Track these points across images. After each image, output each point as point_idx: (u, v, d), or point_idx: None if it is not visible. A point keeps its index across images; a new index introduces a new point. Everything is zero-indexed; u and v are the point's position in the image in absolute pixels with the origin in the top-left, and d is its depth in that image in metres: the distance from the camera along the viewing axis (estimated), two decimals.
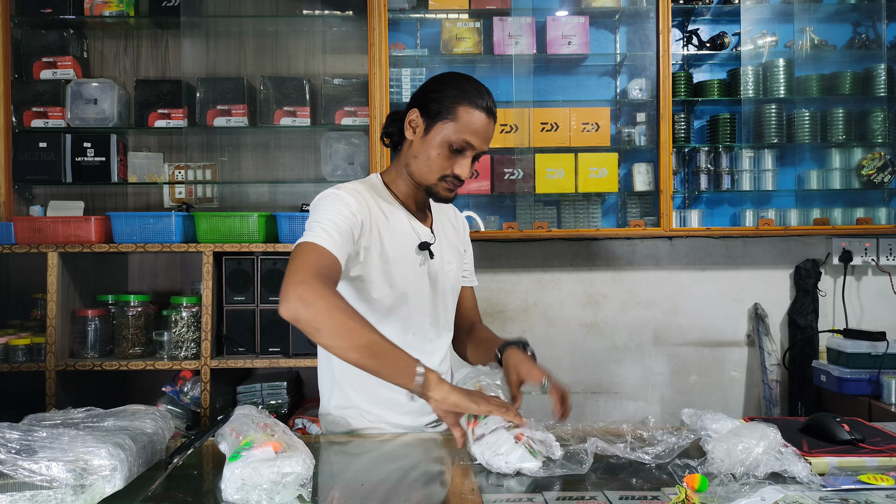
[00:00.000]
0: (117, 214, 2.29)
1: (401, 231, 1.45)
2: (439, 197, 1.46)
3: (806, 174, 2.77)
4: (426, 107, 1.42)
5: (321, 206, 1.38)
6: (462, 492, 1.06)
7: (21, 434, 1.02)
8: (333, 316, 1.17)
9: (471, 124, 1.39)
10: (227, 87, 2.64)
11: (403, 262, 1.45)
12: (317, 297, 1.17)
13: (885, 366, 2.38)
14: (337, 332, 1.18)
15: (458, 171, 1.41)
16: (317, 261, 1.24)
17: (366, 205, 1.41)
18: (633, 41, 2.79)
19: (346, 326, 1.18)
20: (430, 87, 1.45)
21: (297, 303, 1.17)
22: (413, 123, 1.44)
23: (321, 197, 1.42)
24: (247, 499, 0.98)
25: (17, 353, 2.27)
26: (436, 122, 1.40)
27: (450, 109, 1.39)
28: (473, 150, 1.42)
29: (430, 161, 1.41)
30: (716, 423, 1.25)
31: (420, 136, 1.43)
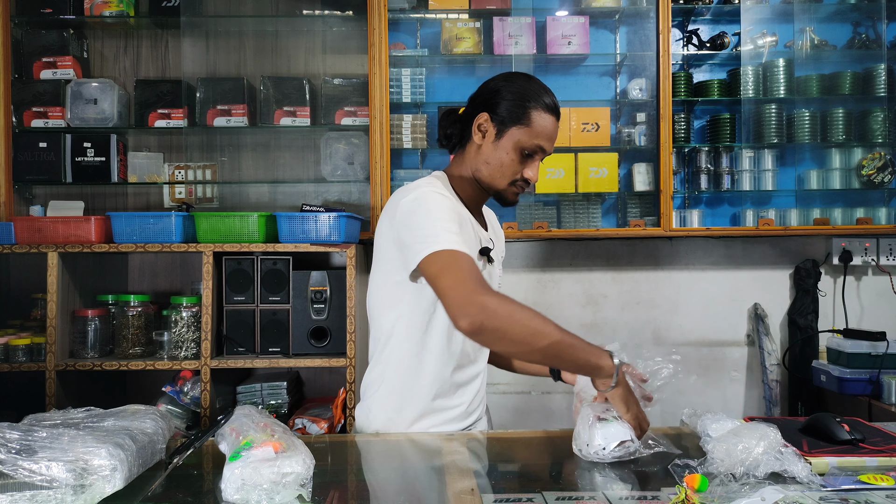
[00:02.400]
0: (117, 214, 2.29)
1: (467, 233, 1.41)
2: (507, 201, 1.45)
3: (806, 174, 2.77)
4: (497, 111, 1.39)
5: (431, 209, 1.31)
6: (462, 492, 1.06)
7: (21, 434, 1.02)
8: (517, 321, 1.17)
9: (544, 129, 1.38)
10: (227, 87, 2.64)
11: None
12: (497, 306, 1.16)
13: (885, 366, 2.38)
14: (522, 338, 1.17)
15: (528, 175, 1.41)
16: (471, 267, 1.22)
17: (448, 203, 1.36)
18: (633, 41, 2.79)
19: (530, 330, 1.17)
20: (498, 89, 1.40)
21: (481, 314, 1.15)
22: (483, 128, 1.41)
23: (422, 200, 1.33)
24: (247, 499, 0.98)
25: (17, 353, 2.27)
26: (508, 127, 1.38)
27: (523, 114, 1.37)
28: (544, 154, 1.42)
29: (504, 166, 1.40)
30: (716, 423, 1.25)
31: (491, 140, 1.40)
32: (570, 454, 1.25)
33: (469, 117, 1.44)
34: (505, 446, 1.39)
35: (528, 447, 1.37)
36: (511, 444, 1.40)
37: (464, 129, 1.46)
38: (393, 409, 1.45)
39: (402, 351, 1.43)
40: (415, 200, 1.33)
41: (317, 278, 2.32)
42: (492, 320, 1.16)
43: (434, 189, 1.36)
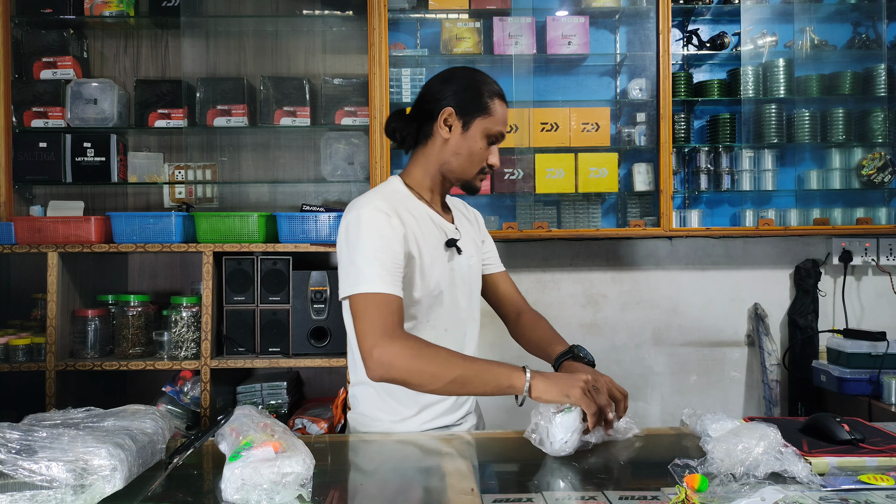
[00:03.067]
0: (117, 214, 2.29)
1: (430, 231, 1.47)
2: (475, 188, 1.52)
3: (806, 174, 2.77)
4: (460, 104, 1.44)
5: (361, 239, 1.35)
6: (462, 492, 1.06)
7: (21, 434, 1.02)
8: (415, 370, 1.25)
9: (502, 115, 1.47)
10: (227, 87, 2.64)
11: (436, 262, 1.46)
12: (395, 357, 1.25)
13: (885, 366, 2.38)
14: (425, 380, 1.26)
15: (492, 160, 1.48)
16: (379, 312, 1.29)
17: (396, 218, 1.39)
18: (633, 41, 2.79)
19: (430, 373, 1.25)
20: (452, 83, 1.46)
21: (380, 368, 1.26)
22: (448, 122, 1.45)
23: (357, 226, 1.37)
24: (247, 499, 0.98)
25: (18, 353, 2.27)
26: (474, 117, 1.44)
27: (485, 104, 1.44)
28: (502, 139, 1.49)
29: (473, 155, 1.46)
30: (716, 423, 1.25)
31: (458, 133, 1.45)
32: (570, 454, 1.25)
33: (423, 115, 1.48)
34: (504, 446, 1.39)
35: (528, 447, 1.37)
36: (510, 443, 1.40)
37: (420, 127, 1.49)
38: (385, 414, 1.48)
39: None
40: (350, 226, 1.38)
41: (317, 278, 2.32)
42: (391, 373, 1.26)
43: (373, 209, 1.38)
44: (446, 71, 1.50)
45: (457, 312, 1.52)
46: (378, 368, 1.26)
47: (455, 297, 1.51)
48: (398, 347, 1.26)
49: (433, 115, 1.46)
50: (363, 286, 1.31)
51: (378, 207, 1.38)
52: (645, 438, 1.44)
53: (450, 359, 1.27)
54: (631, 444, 1.36)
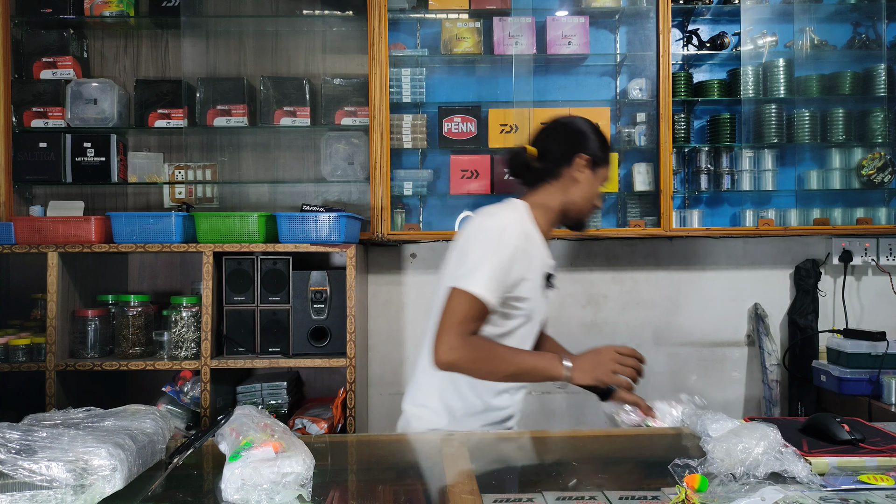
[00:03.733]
0: (117, 214, 2.29)
1: (539, 262, 1.62)
2: (583, 225, 1.72)
3: (806, 174, 2.77)
4: (593, 154, 1.64)
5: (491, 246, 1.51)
6: (462, 492, 1.06)
7: (21, 434, 1.02)
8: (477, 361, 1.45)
9: (610, 165, 1.72)
10: (227, 87, 2.64)
11: (536, 289, 1.62)
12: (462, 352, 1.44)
13: (885, 366, 2.38)
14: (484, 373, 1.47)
15: (598, 203, 1.70)
16: (467, 312, 1.46)
17: (526, 243, 1.56)
18: (633, 41, 2.79)
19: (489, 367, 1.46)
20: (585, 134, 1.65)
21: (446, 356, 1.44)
22: (584, 167, 1.64)
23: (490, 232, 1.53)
24: (247, 499, 0.98)
25: (17, 353, 2.27)
26: (599, 167, 1.66)
27: (606, 156, 1.68)
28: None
29: (594, 198, 1.68)
30: (716, 423, 1.25)
31: (589, 177, 1.64)
32: (570, 454, 1.26)
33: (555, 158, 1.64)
34: (505, 446, 1.39)
35: (528, 447, 1.37)
36: (511, 444, 1.40)
37: (548, 168, 1.65)
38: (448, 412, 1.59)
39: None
40: (487, 230, 1.54)
41: (317, 278, 2.32)
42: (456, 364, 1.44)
43: (515, 228, 1.55)
44: (571, 122, 1.68)
45: (532, 337, 1.69)
46: (445, 356, 1.43)
47: (536, 324, 1.69)
48: (467, 345, 1.44)
49: (567, 161, 1.63)
50: (470, 285, 1.46)
51: (519, 228, 1.56)
52: (645, 438, 1.44)
53: (506, 356, 1.48)
54: (631, 444, 1.36)
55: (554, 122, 1.70)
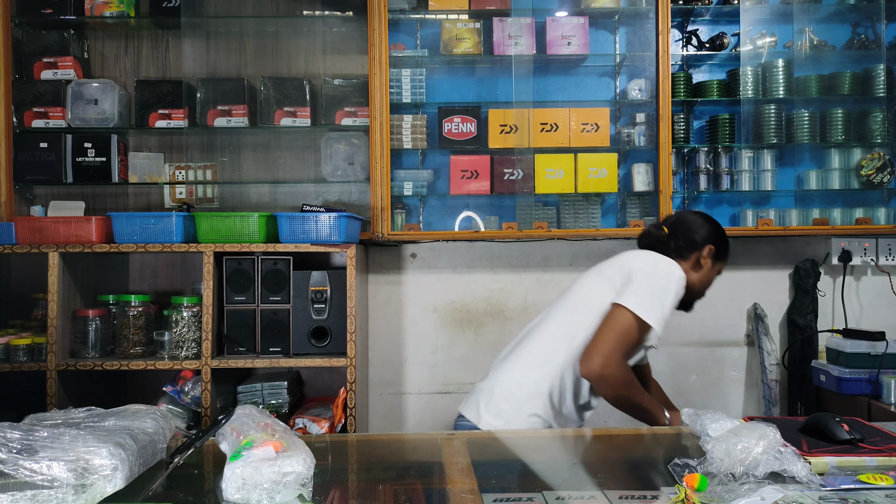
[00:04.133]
0: (118, 214, 2.29)
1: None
2: (691, 305, 1.91)
3: (805, 174, 2.77)
4: (718, 248, 1.86)
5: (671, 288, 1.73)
6: (462, 492, 1.06)
7: (22, 434, 1.03)
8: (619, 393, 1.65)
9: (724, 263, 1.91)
10: (228, 87, 2.64)
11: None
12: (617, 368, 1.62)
13: (885, 366, 2.38)
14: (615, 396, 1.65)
15: (707, 289, 1.92)
16: (632, 337, 1.66)
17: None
18: (632, 42, 2.79)
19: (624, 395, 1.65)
20: (717, 233, 1.87)
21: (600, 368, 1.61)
22: (707, 256, 1.86)
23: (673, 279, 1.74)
24: (247, 498, 0.98)
25: (18, 353, 2.27)
26: (718, 260, 1.88)
27: (725, 254, 1.90)
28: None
29: (708, 284, 1.90)
30: (715, 423, 1.25)
31: (708, 266, 1.87)
32: (570, 454, 1.26)
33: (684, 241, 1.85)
34: (505, 446, 1.39)
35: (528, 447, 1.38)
36: (511, 444, 1.41)
37: (676, 247, 1.86)
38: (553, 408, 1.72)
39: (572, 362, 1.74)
40: (670, 274, 1.74)
41: (317, 278, 2.33)
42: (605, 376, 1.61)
43: (683, 278, 1.77)
44: (706, 218, 1.89)
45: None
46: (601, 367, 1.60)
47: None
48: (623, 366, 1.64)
49: (696, 246, 1.85)
50: (648, 315, 1.65)
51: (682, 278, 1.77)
52: (645, 438, 1.44)
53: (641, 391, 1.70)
54: (631, 443, 1.36)
55: (692, 212, 1.95)
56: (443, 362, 2.85)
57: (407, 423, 2.84)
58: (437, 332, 2.85)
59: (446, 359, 2.85)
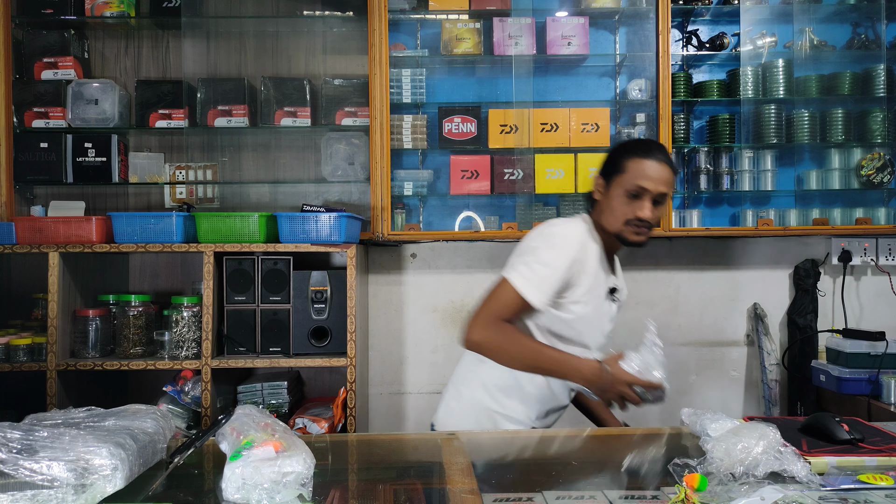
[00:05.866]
0: (118, 214, 2.29)
1: (593, 273, 1.65)
2: (627, 241, 1.65)
3: (805, 174, 2.77)
4: (604, 171, 1.68)
5: (546, 248, 1.59)
6: (462, 492, 1.06)
7: (22, 434, 1.03)
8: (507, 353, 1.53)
9: (640, 171, 1.61)
10: (228, 87, 2.64)
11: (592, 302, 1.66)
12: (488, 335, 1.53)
13: (885, 366, 2.38)
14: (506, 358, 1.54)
15: (639, 213, 1.61)
16: (503, 301, 1.55)
17: (582, 251, 1.62)
18: (632, 42, 2.79)
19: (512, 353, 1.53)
20: (608, 156, 1.70)
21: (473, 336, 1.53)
22: (598, 187, 1.70)
23: (545, 237, 1.62)
24: (247, 498, 0.98)
25: (18, 353, 2.27)
26: (612, 179, 1.65)
27: (619, 165, 1.64)
28: (649, 193, 1.61)
29: (615, 210, 1.63)
30: (715, 423, 1.25)
31: (608, 196, 1.66)
32: (570, 454, 1.26)
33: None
34: (505, 446, 1.39)
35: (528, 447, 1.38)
36: (511, 443, 1.41)
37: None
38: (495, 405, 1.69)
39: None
40: (545, 235, 1.62)
41: (317, 278, 2.33)
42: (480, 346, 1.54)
43: (575, 232, 1.63)
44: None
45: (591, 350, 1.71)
46: (472, 334, 1.53)
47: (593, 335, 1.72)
48: (496, 328, 1.53)
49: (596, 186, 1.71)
50: (516, 279, 1.55)
51: (576, 237, 1.62)
52: (645, 438, 1.44)
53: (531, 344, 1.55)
54: (631, 444, 1.36)
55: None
56: (443, 362, 2.85)
57: (407, 423, 2.84)
58: (436, 332, 2.85)
59: (446, 358, 2.85)
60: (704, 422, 1.28)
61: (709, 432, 1.23)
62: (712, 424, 1.25)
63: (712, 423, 1.25)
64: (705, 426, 1.26)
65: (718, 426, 1.24)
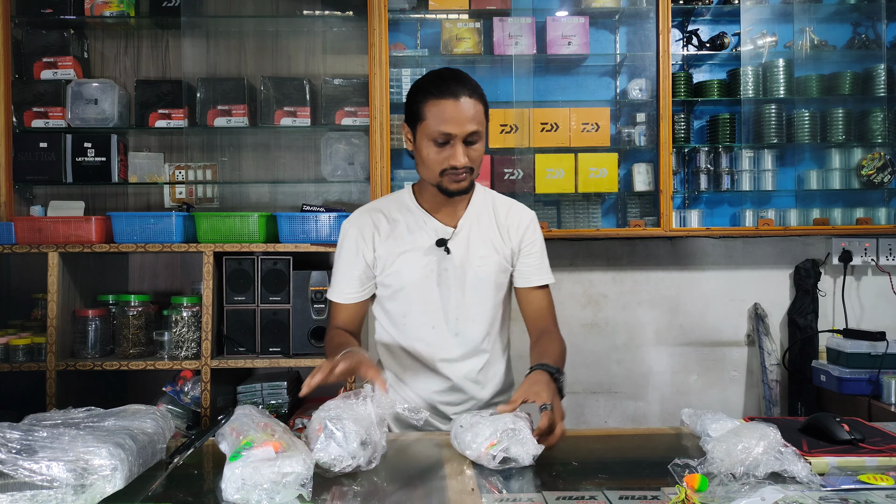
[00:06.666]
0: (118, 214, 2.29)
1: (414, 231, 1.56)
2: (448, 191, 1.50)
3: (806, 174, 2.77)
4: (408, 119, 1.52)
5: (337, 251, 1.62)
6: (462, 492, 1.06)
7: (22, 434, 1.02)
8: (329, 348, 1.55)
9: (439, 115, 1.43)
10: (228, 87, 2.64)
11: (411, 260, 1.55)
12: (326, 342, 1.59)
13: (885, 366, 2.38)
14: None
15: (451, 161, 1.45)
16: (333, 316, 1.62)
17: (370, 224, 1.58)
18: (632, 41, 2.79)
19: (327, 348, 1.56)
20: (406, 101, 1.53)
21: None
22: (407, 136, 1.55)
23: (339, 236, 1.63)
24: (247, 498, 0.98)
25: (18, 353, 2.27)
26: (416, 126, 1.49)
27: (419, 111, 1.47)
28: (456, 138, 1.44)
29: (426, 162, 1.49)
30: (716, 423, 1.25)
31: (412, 144, 1.53)
32: (570, 454, 1.26)
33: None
34: None
35: None
36: None
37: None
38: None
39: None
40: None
41: (317, 278, 2.33)
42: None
43: (347, 224, 1.61)
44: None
45: (444, 311, 1.56)
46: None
47: (438, 296, 1.55)
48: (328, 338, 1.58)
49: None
50: (330, 294, 1.61)
51: (347, 227, 1.61)
52: (645, 438, 1.44)
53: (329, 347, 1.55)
54: (631, 444, 1.36)
55: None
56: None
57: None
58: None
59: None
60: (705, 422, 1.27)
61: (709, 432, 1.23)
62: (713, 424, 1.25)
63: (713, 424, 1.25)
64: (706, 426, 1.26)
65: (719, 426, 1.23)
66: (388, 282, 1.57)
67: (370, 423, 1.15)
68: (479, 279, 1.57)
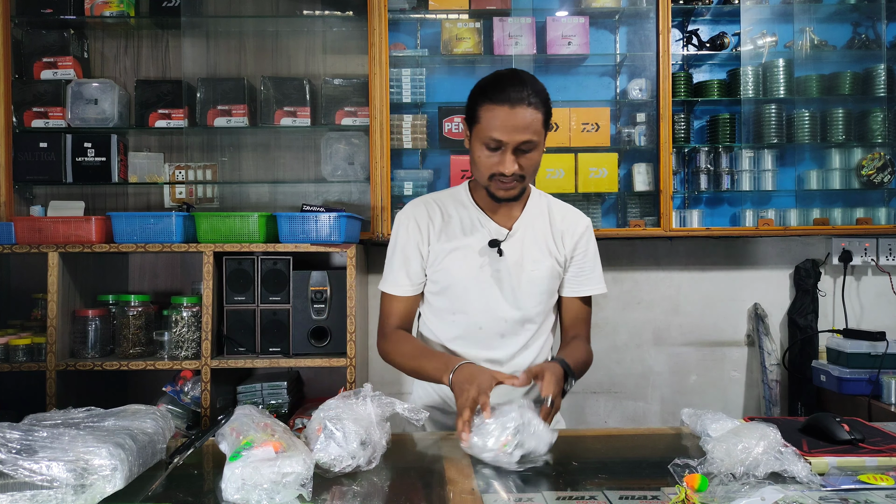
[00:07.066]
0: (118, 214, 2.29)
1: (468, 229, 1.57)
2: (495, 196, 1.51)
3: (806, 174, 2.77)
4: (466, 116, 1.51)
5: (392, 240, 1.62)
6: (462, 492, 1.06)
7: (21, 434, 1.02)
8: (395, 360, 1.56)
9: (491, 122, 1.41)
10: (228, 87, 2.64)
11: (462, 258, 1.56)
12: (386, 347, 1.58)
13: (885, 366, 2.38)
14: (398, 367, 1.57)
15: (499, 168, 1.44)
16: (388, 311, 1.61)
17: (426, 217, 1.58)
18: (632, 41, 2.79)
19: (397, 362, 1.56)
20: (468, 100, 1.50)
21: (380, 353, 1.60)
22: (465, 134, 1.54)
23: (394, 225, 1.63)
24: (247, 498, 0.98)
25: (18, 353, 2.27)
26: (472, 128, 1.48)
27: (475, 113, 1.46)
28: (507, 145, 1.42)
29: (478, 163, 1.48)
30: (716, 423, 1.25)
31: (468, 143, 1.52)
32: (570, 454, 1.26)
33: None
34: None
35: None
36: None
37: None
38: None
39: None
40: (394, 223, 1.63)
41: (317, 278, 2.32)
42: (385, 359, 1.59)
43: (402, 216, 1.61)
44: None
45: (493, 313, 1.56)
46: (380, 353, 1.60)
47: (487, 297, 1.56)
48: (387, 339, 1.58)
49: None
50: (383, 286, 1.61)
51: (401, 220, 1.61)
52: (645, 438, 1.44)
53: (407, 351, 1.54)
54: (631, 444, 1.36)
55: None
56: None
57: (407, 423, 2.83)
58: None
59: None
60: (705, 422, 1.28)
61: (709, 432, 1.23)
62: (713, 424, 1.25)
63: (713, 424, 1.25)
64: (706, 426, 1.26)
65: (719, 426, 1.24)
66: (437, 278, 1.57)
67: (370, 423, 1.16)
68: (532, 283, 1.57)
